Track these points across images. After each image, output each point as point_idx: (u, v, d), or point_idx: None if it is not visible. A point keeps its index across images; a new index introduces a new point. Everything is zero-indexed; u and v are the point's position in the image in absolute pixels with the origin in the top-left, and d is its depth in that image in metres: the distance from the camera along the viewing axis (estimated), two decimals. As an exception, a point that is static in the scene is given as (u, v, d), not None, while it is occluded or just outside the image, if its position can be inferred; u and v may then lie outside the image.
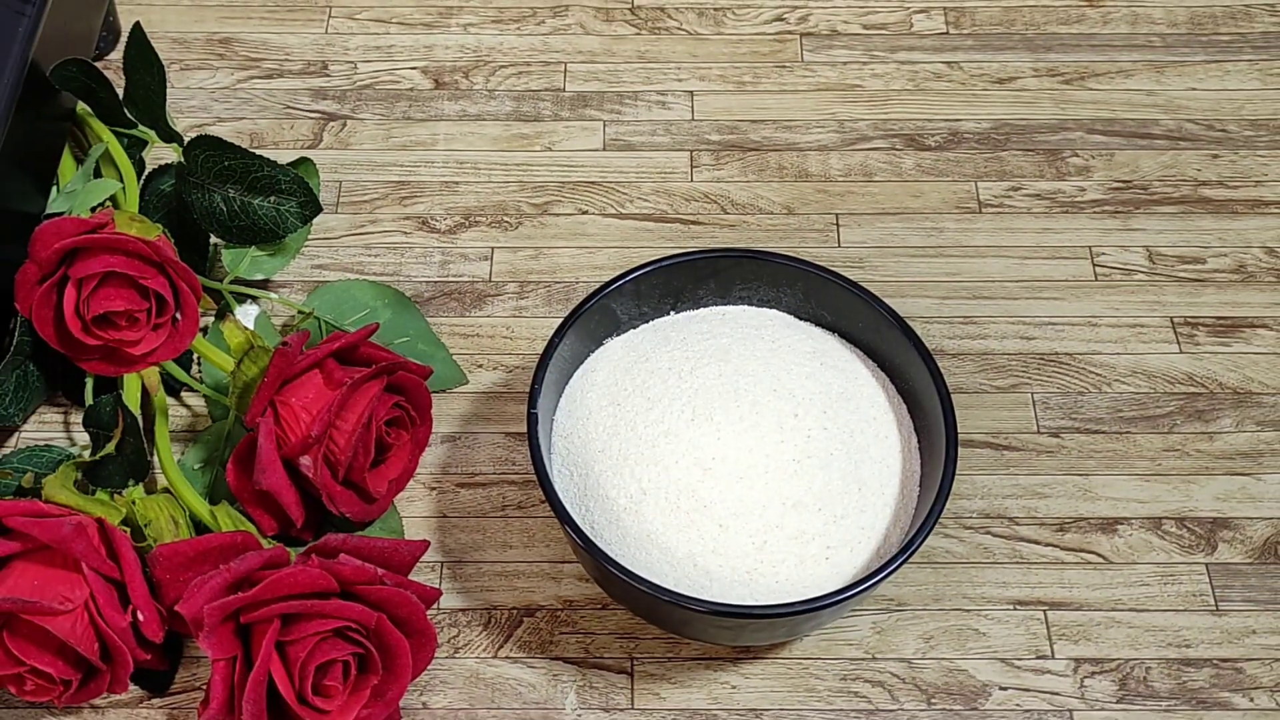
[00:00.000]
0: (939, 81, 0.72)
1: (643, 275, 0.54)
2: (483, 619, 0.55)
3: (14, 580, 0.48)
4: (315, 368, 0.53)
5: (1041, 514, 0.57)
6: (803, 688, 0.53)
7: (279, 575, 0.47)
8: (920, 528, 0.49)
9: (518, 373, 0.61)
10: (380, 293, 0.62)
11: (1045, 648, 0.54)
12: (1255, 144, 0.69)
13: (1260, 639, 0.54)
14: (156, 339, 0.55)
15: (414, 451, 0.55)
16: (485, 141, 0.69)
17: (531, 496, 0.58)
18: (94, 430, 0.55)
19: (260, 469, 0.51)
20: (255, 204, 0.59)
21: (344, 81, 0.72)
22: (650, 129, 0.70)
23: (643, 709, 0.53)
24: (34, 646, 0.47)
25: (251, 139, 0.69)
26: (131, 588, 0.49)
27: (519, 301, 0.63)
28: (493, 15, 0.75)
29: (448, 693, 0.53)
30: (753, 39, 0.74)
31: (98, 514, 0.50)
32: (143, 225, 0.55)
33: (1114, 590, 0.55)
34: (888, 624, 0.55)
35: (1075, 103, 0.71)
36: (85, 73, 0.60)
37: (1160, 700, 0.53)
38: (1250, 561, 0.56)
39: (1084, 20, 0.74)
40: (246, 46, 0.73)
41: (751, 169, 0.68)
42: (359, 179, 0.68)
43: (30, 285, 0.54)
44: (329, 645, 0.47)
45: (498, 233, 0.66)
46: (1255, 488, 0.58)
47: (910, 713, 0.52)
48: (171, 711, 0.53)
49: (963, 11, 0.75)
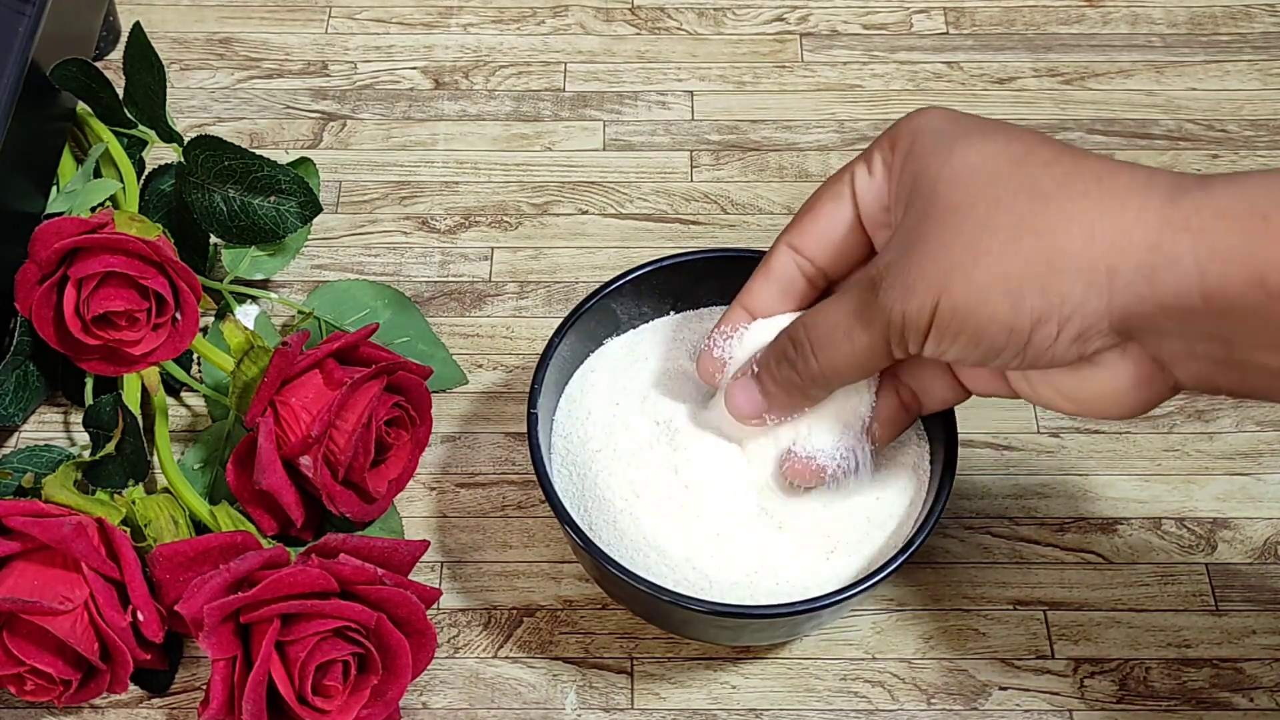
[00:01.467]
0: (939, 82, 0.72)
1: (643, 275, 0.54)
2: (483, 619, 0.55)
3: (14, 580, 0.48)
4: (315, 368, 0.53)
5: (1041, 514, 0.57)
6: (803, 688, 0.53)
7: (279, 575, 0.47)
8: (920, 528, 0.49)
9: (518, 373, 0.61)
10: (380, 293, 0.62)
11: (1045, 648, 0.54)
12: (1255, 144, 0.69)
13: (1260, 639, 0.54)
14: (156, 339, 0.55)
15: (414, 451, 0.55)
16: (485, 141, 0.69)
17: (531, 496, 0.58)
18: (94, 430, 0.55)
19: (260, 469, 0.51)
20: (255, 204, 0.59)
21: (344, 81, 0.72)
22: (650, 129, 0.70)
23: (643, 709, 0.53)
24: (34, 646, 0.48)
25: (251, 139, 0.69)
26: (131, 588, 0.49)
27: (519, 301, 0.63)
28: (493, 15, 0.75)
29: (448, 693, 0.53)
30: (753, 39, 0.74)
31: (98, 514, 0.50)
32: (143, 225, 0.55)
33: (1114, 590, 0.55)
34: (888, 624, 0.55)
35: (1075, 103, 0.71)
36: (85, 73, 0.60)
37: (1160, 700, 0.53)
38: (1250, 561, 0.56)
39: (1084, 20, 0.74)
40: (246, 46, 0.73)
41: (751, 169, 0.68)
42: (359, 179, 0.68)
43: (30, 285, 0.54)
44: (329, 645, 0.47)
45: (498, 233, 0.66)
46: (1255, 488, 0.58)
47: (910, 713, 0.52)
48: (171, 711, 0.53)
49: (963, 11, 0.75)
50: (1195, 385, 0.42)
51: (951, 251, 0.42)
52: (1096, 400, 0.44)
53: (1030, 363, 0.42)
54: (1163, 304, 0.40)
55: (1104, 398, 0.44)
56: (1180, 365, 0.42)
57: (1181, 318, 0.40)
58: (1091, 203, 0.41)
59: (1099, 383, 0.43)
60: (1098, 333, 0.41)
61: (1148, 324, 0.41)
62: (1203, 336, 0.40)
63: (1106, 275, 0.40)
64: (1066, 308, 0.41)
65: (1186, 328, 0.40)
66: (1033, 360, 0.42)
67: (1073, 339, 0.41)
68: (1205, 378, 0.42)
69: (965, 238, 0.42)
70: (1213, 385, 0.42)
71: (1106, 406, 0.44)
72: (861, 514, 0.50)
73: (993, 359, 0.43)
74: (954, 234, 0.42)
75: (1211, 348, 0.40)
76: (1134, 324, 0.41)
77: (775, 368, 0.48)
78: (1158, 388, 0.43)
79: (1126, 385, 0.43)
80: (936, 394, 0.49)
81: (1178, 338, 0.41)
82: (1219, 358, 0.41)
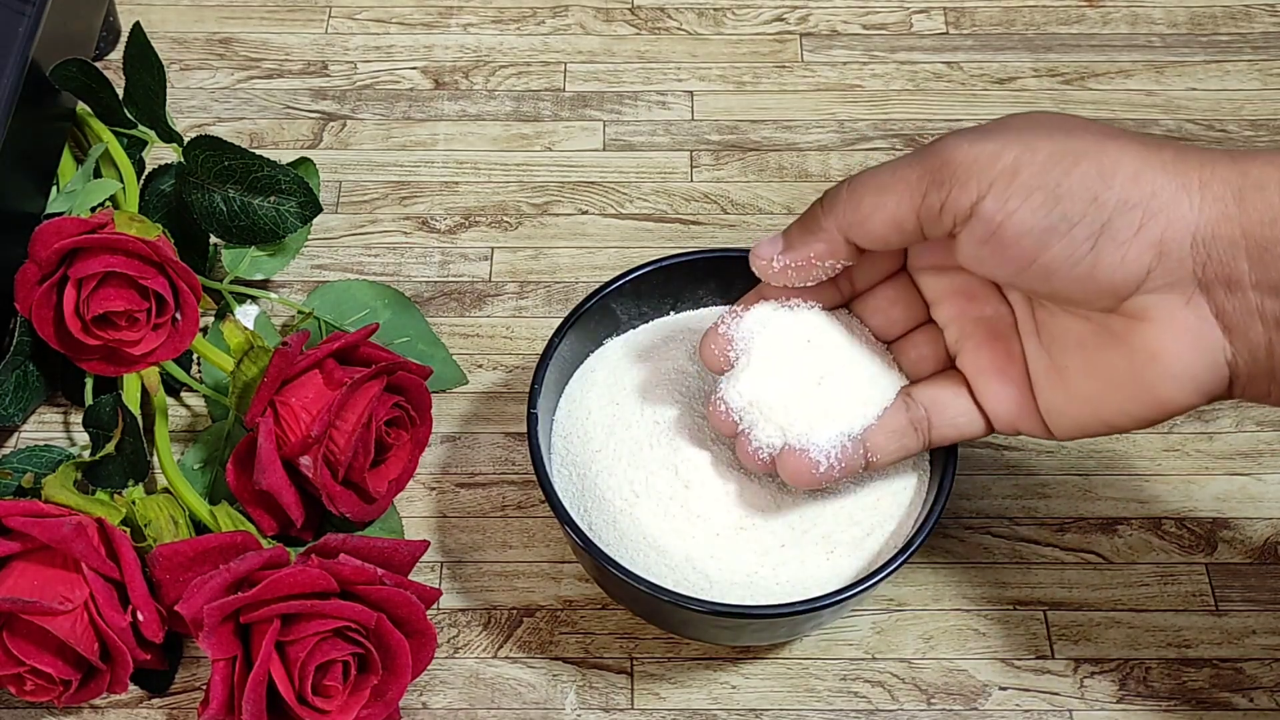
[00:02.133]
0: (939, 82, 0.72)
1: (643, 275, 0.54)
2: (482, 619, 0.55)
3: (14, 580, 0.48)
4: (315, 368, 0.53)
5: (1041, 514, 0.57)
6: (803, 688, 0.53)
7: (279, 575, 0.47)
8: (920, 528, 0.49)
9: (518, 373, 0.61)
10: (380, 293, 0.62)
11: (1045, 648, 0.54)
12: (1255, 144, 0.69)
13: (1260, 639, 0.54)
14: (156, 339, 0.55)
15: (414, 451, 0.55)
16: (485, 141, 0.69)
17: (531, 496, 0.58)
18: (94, 430, 0.55)
19: (260, 469, 0.51)
20: (255, 204, 0.59)
21: (344, 81, 0.72)
22: (650, 129, 0.70)
23: (643, 709, 0.53)
24: (34, 646, 0.48)
25: (251, 139, 0.69)
26: (131, 588, 0.49)
27: (519, 301, 0.64)
28: (493, 15, 0.75)
29: (447, 693, 0.53)
30: (753, 39, 0.74)
31: (98, 514, 0.50)
32: (143, 225, 0.55)
33: (1114, 590, 0.55)
34: (888, 624, 0.55)
35: (1075, 103, 0.71)
36: (85, 73, 0.60)
37: (1160, 700, 0.53)
38: (1250, 562, 0.56)
39: (1084, 20, 0.74)
40: (246, 46, 0.73)
41: (751, 169, 0.68)
42: (359, 179, 0.68)
43: (30, 285, 0.54)
44: (329, 645, 0.47)
45: (498, 233, 0.66)
46: (1255, 488, 0.58)
47: (910, 713, 0.52)
48: (171, 711, 0.53)
49: (963, 12, 0.75)
50: (1248, 360, 0.40)
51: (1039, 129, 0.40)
52: (1142, 382, 0.41)
53: (1095, 260, 0.39)
54: (1247, 230, 0.38)
55: (1153, 370, 0.40)
56: (1241, 329, 0.39)
57: (1260, 254, 0.38)
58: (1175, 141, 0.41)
59: (1153, 342, 0.40)
60: (1178, 251, 0.39)
61: (1227, 258, 0.39)
62: (1271, 285, 0.39)
63: (1199, 186, 0.39)
64: (1156, 202, 0.39)
65: (1260, 270, 0.39)
66: (1101, 255, 0.39)
67: (1154, 242, 0.39)
68: (1262, 348, 0.40)
69: (1053, 125, 0.40)
70: (1265, 362, 0.40)
71: (1151, 392, 0.41)
72: (861, 514, 0.50)
73: (1058, 238, 0.39)
74: (1040, 123, 0.40)
75: (1277, 305, 0.39)
76: (1214, 255, 0.39)
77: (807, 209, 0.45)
78: (1214, 357, 0.40)
79: (1185, 342, 0.40)
80: (949, 413, 0.47)
81: (1248, 287, 0.39)
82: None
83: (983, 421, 0.47)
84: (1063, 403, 0.44)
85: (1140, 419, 0.42)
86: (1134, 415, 0.42)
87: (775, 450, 0.47)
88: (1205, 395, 0.41)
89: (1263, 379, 0.40)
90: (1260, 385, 0.41)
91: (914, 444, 0.48)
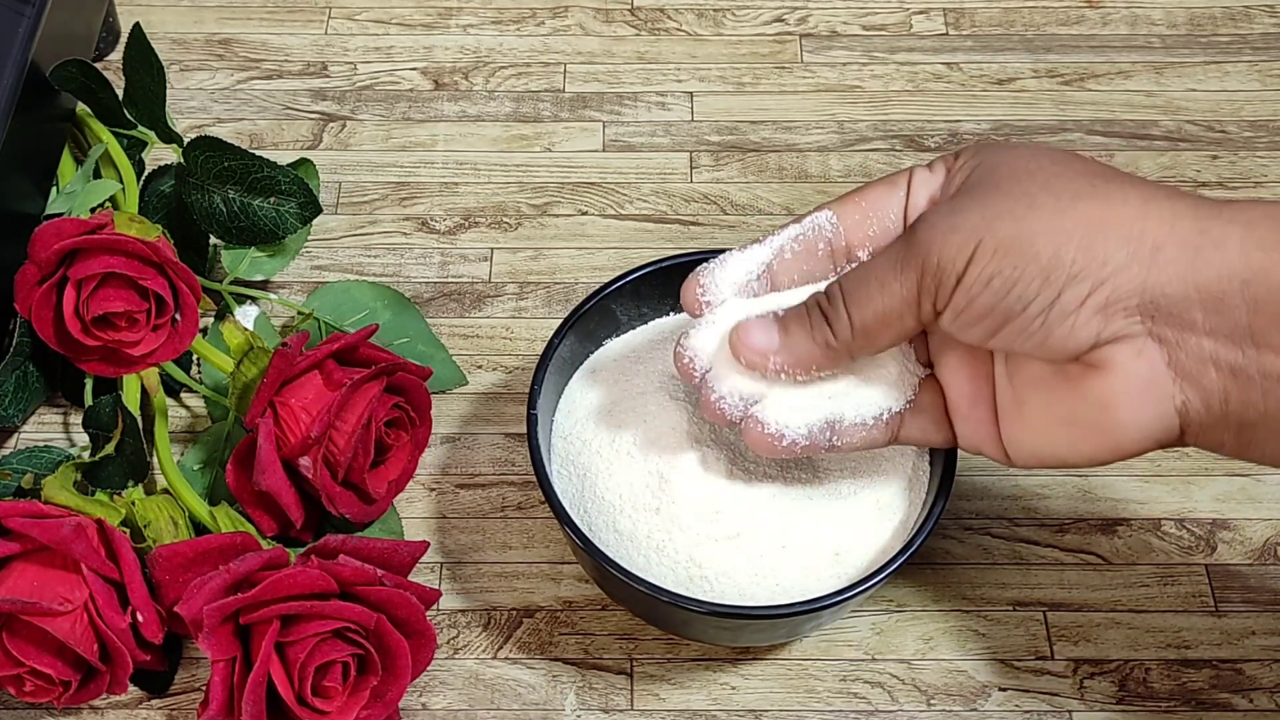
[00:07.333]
0: (939, 82, 0.72)
1: (643, 275, 0.54)
2: (482, 620, 0.55)
3: (14, 581, 0.48)
4: (315, 368, 0.53)
5: (1041, 514, 0.57)
6: (802, 688, 0.53)
7: (279, 576, 0.47)
8: (920, 528, 0.49)
9: (517, 373, 0.61)
10: (380, 294, 0.62)
11: (1045, 648, 0.54)
12: (1255, 145, 0.69)
13: (1260, 640, 0.54)
14: (156, 340, 0.55)
15: (413, 452, 0.55)
16: (485, 142, 0.69)
17: (531, 497, 0.58)
18: (93, 431, 0.55)
19: (260, 470, 0.51)
20: (255, 205, 0.59)
21: (344, 82, 0.72)
22: (650, 130, 0.70)
23: (642, 709, 0.53)
24: (33, 647, 0.47)
25: (251, 139, 0.69)
26: (131, 589, 0.49)
27: (519, 302, 0.64)
28: (492, 16, 0.75)
29: (447, 693, 0.53)
30: (752, 40, 0.74)
31: (97, 515, 0.50)
32: (142, 226, 0.55)
33: (1113, 591, 0.55)
34: (888, 624, 0.55)
35: (1075, 104, 0.71)
36: (85, 73, 0.60)
37: (1160, 701, 0.53)
38: (1250, 562, 0.56)
39: (1083, 21, 0.74)
40: (246, 47, 0.73)
41: (751, 170, 0.68)
42: (359, 180, 0.68)
43: (30, 286, 0.54)
44: (328, 646, 0.47)
45: (497, 233, 0.66)
46: (1255, 488, 0.58)
47: (910, 713, 0.52)
48: (171, 712, 0.53)
49: (962, 12, 0.75)
50: (1201, 409, 0.42)
51: (1002, 202, 0.42)
52: (1092, 424, 0.43)
53: (1047, 332, 0.42)
54: (1200, 285, 0.40)
55: (1103, 415, 0.43)
56: (1194, 376, 0.41)
57: (1214, 305, 0.40)
58: (1147, 187, 0.42)
59: (1103, 390, 0.42)
60: (1124, 308, 0.41)
61: (1178, 309, 0.40)
62: (1226, 333, 0.40)
63: (1151, 250, 0.41)
64: (1105, 270, 0.41)
65: (1215, 319, 0.40)
66: (1052, 327, 0.42)
67: (1099, 307, 0.41)
68: (1216, 395, 0.41)
69: (1019, 192, 0.42)
70: (1220, 409, 0.41)
71: (1102, 434, 0.43)
72: (861, 515, 0.50)
73: (1014, 317, 0.42)
74: (1007, 191, 0.42)
75: (1232, 352, 0.40)
76: (1163, 306, 0.41)
77: (807, 314, 0.46)
78: (1163, 407, 0.42)
79: (1133, 392, 0.42)
80: (919, 420, 0.48)
81: (1201, 334, 0.41)
82: (1236, 365, 0.40)
83: (949, 434, 0.48)
84: (1021, 433, 0.46)
85: (1093, 459, 0.44)
86: (1087, 455, 0.44)
87: (735, 404, 0.47)
88: (1155, 442, 0.43)
89: (1218, 428, 0.42)
90: (1215, 434, 0.42)
91: (880, 437, 0.48)
